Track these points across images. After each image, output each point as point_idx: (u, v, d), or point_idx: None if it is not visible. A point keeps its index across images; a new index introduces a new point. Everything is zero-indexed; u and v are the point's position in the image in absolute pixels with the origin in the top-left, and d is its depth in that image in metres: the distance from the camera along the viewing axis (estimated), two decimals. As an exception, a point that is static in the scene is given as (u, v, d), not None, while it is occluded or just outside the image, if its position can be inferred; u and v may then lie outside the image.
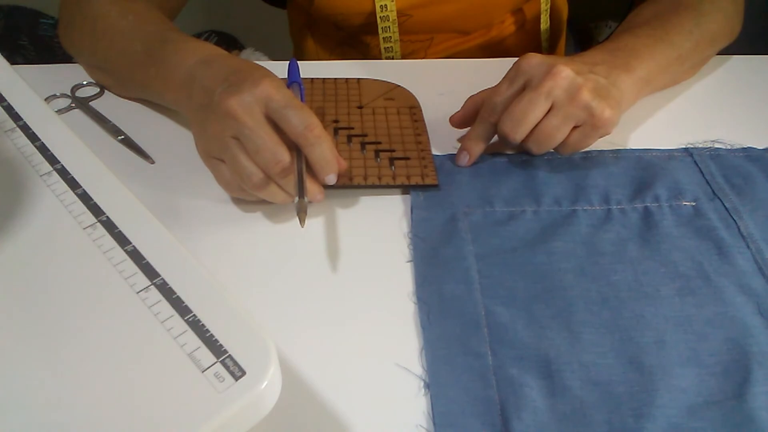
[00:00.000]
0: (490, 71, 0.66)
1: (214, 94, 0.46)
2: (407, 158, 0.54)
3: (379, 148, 0.55)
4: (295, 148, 0.46)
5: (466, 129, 0.56)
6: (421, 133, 0.57)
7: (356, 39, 0.78)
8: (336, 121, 0.58)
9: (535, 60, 0.51)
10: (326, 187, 0.48)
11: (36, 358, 0.31)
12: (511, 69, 0.52)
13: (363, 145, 0.56)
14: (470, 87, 0.64)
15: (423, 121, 0.59)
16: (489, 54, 0.79)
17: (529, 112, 0.49)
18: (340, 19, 0.74)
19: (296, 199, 0.44)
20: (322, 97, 0.61)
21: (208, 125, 0.46)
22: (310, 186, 0.47)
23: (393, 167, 0.53)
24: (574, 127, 0.51)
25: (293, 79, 0.54)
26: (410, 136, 0.57)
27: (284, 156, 0.45)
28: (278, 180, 0.46)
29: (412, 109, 0.60)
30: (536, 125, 0.50)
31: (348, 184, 0.52)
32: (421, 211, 0.50)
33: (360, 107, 0.60)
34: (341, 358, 0.41)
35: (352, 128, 0.57)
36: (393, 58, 0.76)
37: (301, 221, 0.44)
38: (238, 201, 0.52)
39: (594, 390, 0.40)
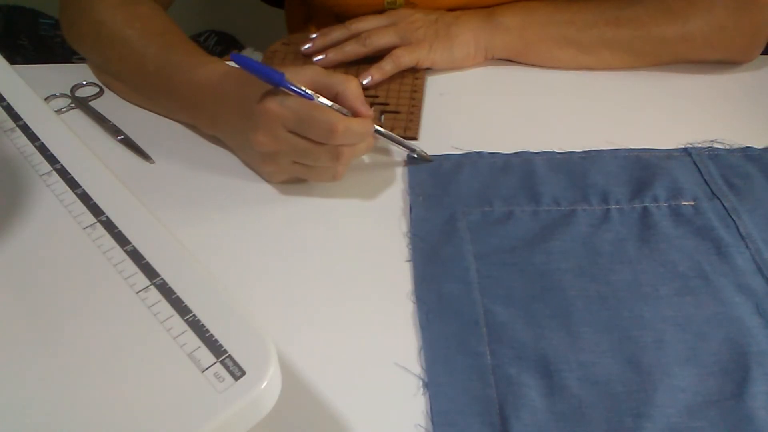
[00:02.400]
0: (491, 72, 0.66)
1: (242, 139, 0.52)
2: (397, 112, 0.59)
3: (375, 101, 0.60)
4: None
5: (464, 131, 0.56)
6: (417, 90, 0.62)
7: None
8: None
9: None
10: None
11: (36, 358, 0.31)
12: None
13: None
14: (471, 87, 0.64)
15: (423, 79, 0.63)
16: None
17: (375, 19, 0.64)
18: (343, 10, 0.74)
19: (414, 154, 0.54)
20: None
21: (260, 165, 0.52)
22: (367, 130, 0.49)
23: (382, 118, 0.59)
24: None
25: (274, 81, 0.47)
26: (407, 92, 0.61)
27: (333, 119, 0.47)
28: (342, 163, 0.49)
29: (416, 75, 0.64)
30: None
31: None
32: (420, 211, 0.50)
33: (371, 62, 0.63)
34: (340, 357, 0.41)
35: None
36: None
37: (427, 157, 0.54)
38: (238, 201, 0.52)
39: (593, 389, 0.40)
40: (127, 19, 0.57)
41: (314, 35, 0.66)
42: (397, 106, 0.60)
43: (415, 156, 0.54)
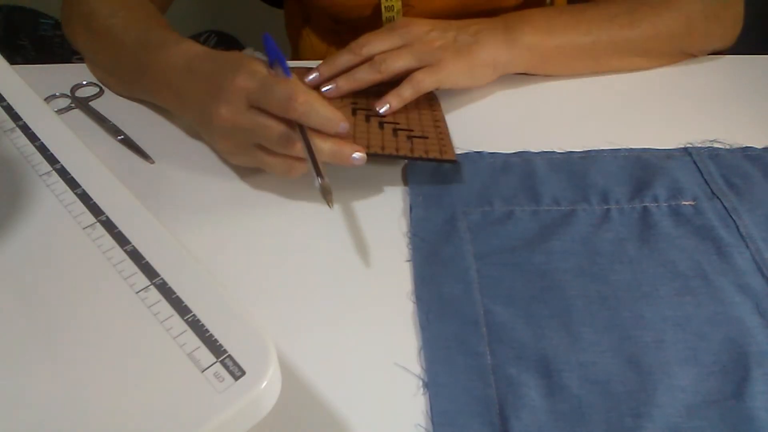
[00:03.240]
0: (490, 71, 0.66)
1: (204, 115, 0.49)
2: (425, 137, 0.54)
3: (398, 127, 0.55)
4: (297, 126, 0.46)
5: (464, 131, 0.56)
6: (438, 119, 0.57)
7: (356, 33, 0.77)
8: (354, 103, 0.57)
9: (409, 18, 0.60)
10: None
11: (35, 358, 0.31)
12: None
13: (381, 124, 0.55)
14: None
15: (441, 110, 0.59)
16: None
17: (386, 39, 0.58)
18: (338, 10, 0.74)
19: (317, 181, 0.44)
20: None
21: (218, 141, 0.50)
22: (346, 146, 0.48)
23: (411, 143, 0.53)
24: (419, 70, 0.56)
25: (273, 56, 0.51)
26: (428, 120, 0.57)
27: (282, 128, 0.46)
28: (295, 153, 0.47)
29: (430, 101, 0.60)
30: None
31: (367, 152, 0.49)
32: (421, 211, 0.50)
33: (378, 93, 0.58)
34: (340, 357, 0.41)
35: (370, 110, 0.56)
36: None
37: (328, 202, 0.44)
38: (238, 201, 0.52)
39: (593, 389, 0.40)
40: (112, 10, 0.58)
41: (315, 66, 0.60)
42: (423, 132, 0.55)
43: (317, 186, 0.44)
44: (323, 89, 0.57)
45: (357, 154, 0.48)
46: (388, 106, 0.56)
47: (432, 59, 0.57)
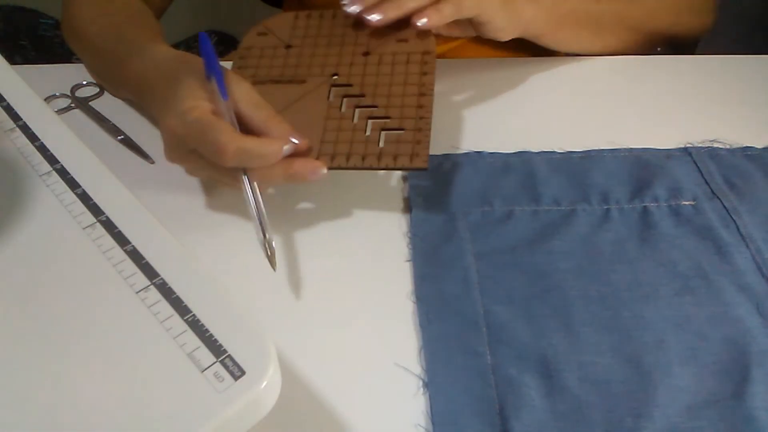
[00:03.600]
0: (491, 71, 0.66)
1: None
2: (401, 129, 0.48)
3: (374, 114, 0.50)
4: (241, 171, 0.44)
5: (464, 131, 0.56)
6: (425, 93, 0.51)
7: None
8: (335, 75, 0.53)
9: None
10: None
11: (35, 358, 0.31)
12: None
13: (356, 109, 0.51)
14: (470, 87, 0.64)
15: (432, 73, 0.52)
16: None
17: None
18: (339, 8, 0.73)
19: (261, 238, 0.43)
20: (327, 39, 0.56)
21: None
22: (296, 166, 0.45)
23: (382, 143, 0.48)
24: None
25: (209, 70, 0.46)
26: (413, 96, 0.51)
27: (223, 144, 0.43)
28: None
29: (425, 55, 0.54)
30: None
31: (331, 166, 0.47)
32: (420, 211, 0.50)
33: (366, 53, 0.55)
34: (340, 357, 0.41)
35: (351, 85, 0.52)
36: None
37: (272, 265, 0.43)
38: (238, 201, 0.52)
39: (593, 389, 0.40)
40: (92, 16, 0.59)
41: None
42: (402, 119, 0.49)
43: (260, 243, 0.44)
44: (371, 18, 0.53)
45: (315, 172, 0.45)
46: (426, 19, 0.51)
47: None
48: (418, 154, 0.47)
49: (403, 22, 0.54)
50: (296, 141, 0.45)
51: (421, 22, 0.51)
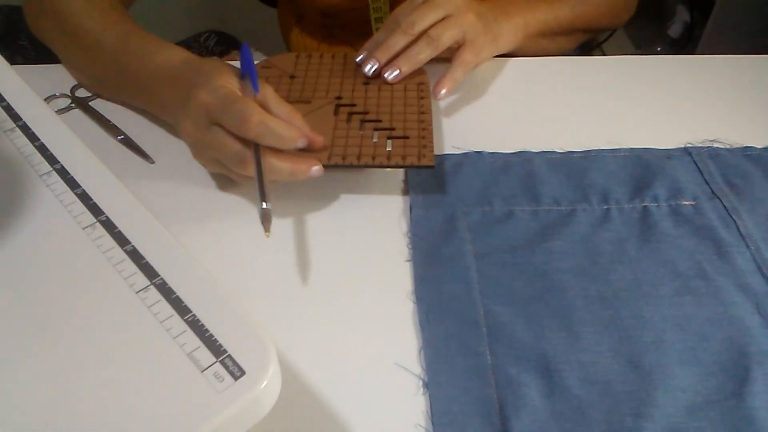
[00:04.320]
0: (490, 71, 0.66)
1: (177, 125, 0.50)
2: (406, 137, 0.52)
3: (379, 126, 0.54)
4: (253, 146, 0.46)
5: (464, 131, 0.56)
6: (425, 111, 0.55)
7: (345, 28, 0.77)
8: (339, 98, 0.57)
9: None
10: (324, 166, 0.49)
11: (35, 358, 0.31)
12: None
13: (362, 123, 0.54)
14: (470, 87, 0.64)
15: (429, 98, 0.57)
16: None
17: (431, 13, 0.57)
18: (329, 9, 0.74)
19: (260, 205, 0.44)
20: (328, 72, 0.60)
21: (191, 150, 0.50)
22: (303, 163, 0.47)
23: (389, 146, 0.51)
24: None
25: (244, 69, 0.49)
26: (413, 114, 0.55)
27: (238, 147, 0.46)
28: (248, 174, 0.47)
29: (420, 85, 0.58)
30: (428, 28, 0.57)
31: (340, 164, 0.50)
32: (421, 211, 0.50)
33: (366, 83, 0.59)
34: (340, 357, 0.41)
35: (354, 105, 0.56)
36: None
37: (266, 229, 0.44)
38: (238, 201, 0.52)
39: (593, 389, 0.40)
40: (86, 10, 0.58)
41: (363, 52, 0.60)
42: (405, 131, 0.53)
43: (259, 210, 0.45)
44: (387, 76, 0.58)
45: (315, 168, 0.47)
46: (446, 90, 0.57)
47: (473, 32, 0.58)
48: (424, 154, 0.51)
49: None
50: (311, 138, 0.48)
51: (442, 92, 0.57)
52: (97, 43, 0.57)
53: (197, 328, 0.32)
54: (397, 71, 0.57)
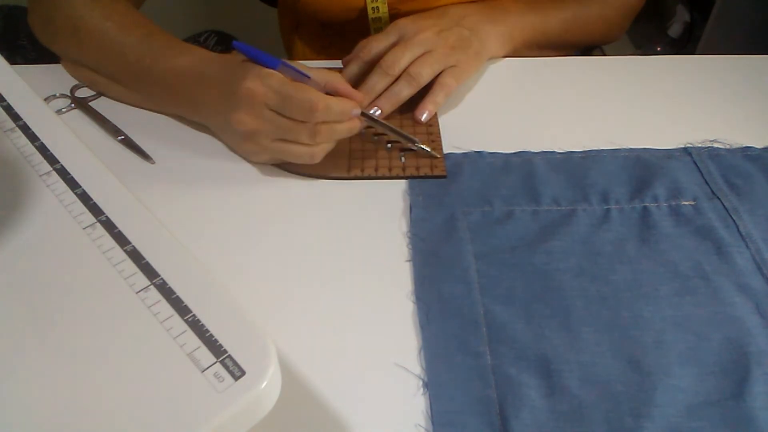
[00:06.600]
0: (490, 71, 0.66)
1: (223, 120, 0.52)
2: (417, 150, 0.56)
3: (391, 138, 0.57)
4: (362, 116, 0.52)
5: (464, 131, 0.56)
6: (432, 124, 0.59)
7: (344, 38, 0.77)
8: None
9: (407, 20, 0.61)
10: (339, 178, 0.53)
11: (36, 358, 0.31)
12: (387, 27, 0.61)
13: (374, 136, 0.57)
14: (470, 87, 0.64)
15: (436, 116, 0.60)
16: None
17: (408, 51, 0.58)
18: (326, 16, 0.74)
19: (416, 145, 0.55)
20: None
21: (240, 144, 0.53)
22: (354, 123, 0.51)
23: (403, 158, 0.55)
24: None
25: (273, 63, 0.50)
26: (422, 126, 0.58)
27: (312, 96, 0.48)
28: (322, 142, 0.50)
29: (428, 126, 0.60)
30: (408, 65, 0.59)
31: (359, 176, 0.54)
32: (420, 211, 0.50)
33: None
34: (340, 357, 0.41)
35: (367, 127, 0.57)
36: None
37: (435, 152, 0.54)
38: (239, 201, 0.52)
39: (593, 389, 0.40)
40: (104, 13, 0.58)
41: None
42: (416, 144, 0.56)
43: (414, 149, 0.55)
44: (371, 114, 0.58)
45: (424, 115, 0.58)
46: (427, 113, 0.59)
47: (453, 61, 0.60)
48: (437, 165, 0.55)
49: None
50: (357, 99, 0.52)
51: (425, 116, 0.59)
52: (118, 44, 0.57)
53: (197, 328, 0.32)
54: (379, 111, 0.58)
